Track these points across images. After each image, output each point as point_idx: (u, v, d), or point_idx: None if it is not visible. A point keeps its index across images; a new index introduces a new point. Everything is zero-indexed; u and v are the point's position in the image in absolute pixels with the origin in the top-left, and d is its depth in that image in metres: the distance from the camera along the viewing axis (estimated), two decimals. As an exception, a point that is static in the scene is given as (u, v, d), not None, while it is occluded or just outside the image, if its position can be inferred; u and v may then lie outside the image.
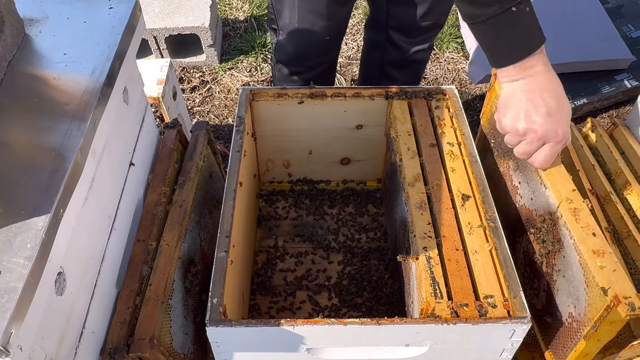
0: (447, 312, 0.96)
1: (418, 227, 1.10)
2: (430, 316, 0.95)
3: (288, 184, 1.61)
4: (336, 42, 1.74)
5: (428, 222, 1.11)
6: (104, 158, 1.06)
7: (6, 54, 1.04)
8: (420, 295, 1.02)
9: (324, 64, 1.76)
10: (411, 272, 1.12)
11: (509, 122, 1.06)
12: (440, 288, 0.99)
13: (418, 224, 1.11)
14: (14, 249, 0.76)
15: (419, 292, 1.03)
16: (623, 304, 0.87)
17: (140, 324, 1.03)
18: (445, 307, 0.96)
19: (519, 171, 1.24)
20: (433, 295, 0.98)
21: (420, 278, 1.02)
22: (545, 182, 1.10)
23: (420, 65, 1.91)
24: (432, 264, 1.03)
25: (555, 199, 1.07)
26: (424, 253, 1.05)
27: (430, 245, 1.06)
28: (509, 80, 1.05)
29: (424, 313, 0.98)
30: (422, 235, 1.08)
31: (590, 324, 0.93)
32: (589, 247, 0.96)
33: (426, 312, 0.97)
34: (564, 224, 1.03)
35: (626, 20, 2.54)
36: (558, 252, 1.06)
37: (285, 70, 1.75)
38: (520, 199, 1.24)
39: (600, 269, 0.93)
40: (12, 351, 0.70)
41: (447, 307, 0.96)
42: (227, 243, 1.05)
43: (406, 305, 1.19)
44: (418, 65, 1.88)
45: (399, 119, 1.33)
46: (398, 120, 1.33)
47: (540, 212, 1.14)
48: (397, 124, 1.32)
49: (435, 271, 1.02)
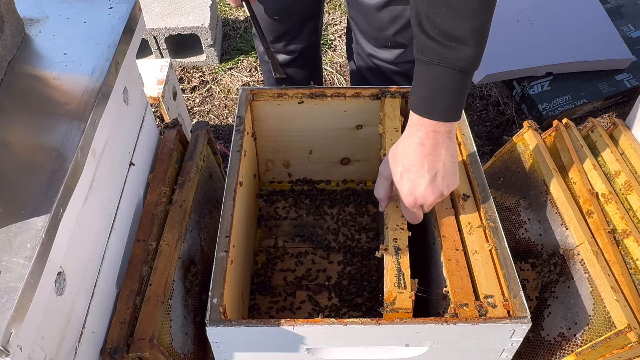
0: (408, 303, 0.94)
1: (391, 219, 1.08)
2: (391, 308, 0.94)
3: (288, 184, 1.61)
4: (303, 15, 1.69)
5: (402, 215, 1.09)
6: (104, 158, 1.06)
7: (6, 54, 1.04)
8: (385, 285, 1.00)
9: (298, 39, 1.74)
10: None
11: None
12: (404, 279, 0.97)
13: (392, 216, 1.09)
14: (14, 249, 0.76)
15: (385, 283, 1.01)
16: (633, 332, 1.00)
17: (140, 324, 1.03)
18: (407, 298, 0.94)
19: (530, 209, 1.34)
20: (396, 285, 0.96)
21: (387, 268, 1.01)
22: (567, 224, 1.21)
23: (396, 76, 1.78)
24: (400, 255, 1.01)
25: (575, 240, 1.18)
26: (394, 244, 1.03)
27: (400, 237, 1.05)
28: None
29: (386, 303, 0.96)
30: (394, 227, 1.06)
31: (587, 344, 1.06)
32: (607, 283, 1.08)
33: (388, 302, 0.95)
34: (580, 261, 1.14)
35: (626, 20, 2.54)
36: (562, 282, 1.19)
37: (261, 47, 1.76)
38: (525, 232, 1.34)
39: (616, 301, 1.05)
40: (12, 351, 0.70)
41: (409, 298, 0.95)
42: (227, 243, 1.05)
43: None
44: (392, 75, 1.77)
45: (388, 115, 1.32)
46: (387, 117, 1.32)
47: (551, 247, 1.25)
48: (385, 120, 1.31)
49: (402, 262, 1.00)
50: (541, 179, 1.31)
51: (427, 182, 0.98)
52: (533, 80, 2.34)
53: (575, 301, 1.12)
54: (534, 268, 1.26)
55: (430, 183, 0.99)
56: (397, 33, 1.55)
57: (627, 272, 1.14)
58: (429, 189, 0.99)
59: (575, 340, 1.10)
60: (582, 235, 1.16)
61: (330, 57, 2.72)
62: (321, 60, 2.00)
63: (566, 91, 2.31)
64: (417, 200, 1.01)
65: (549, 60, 2.32)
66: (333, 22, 2.93)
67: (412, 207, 1.03)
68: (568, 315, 1.14)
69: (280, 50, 1.78)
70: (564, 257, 1.18)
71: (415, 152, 0.97)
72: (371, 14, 1.53)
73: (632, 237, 1.17)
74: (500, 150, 1.49)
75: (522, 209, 1.36)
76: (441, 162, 0.98)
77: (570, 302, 1.14)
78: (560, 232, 1.22)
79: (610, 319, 1.04)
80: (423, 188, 0.99)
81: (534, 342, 1.21)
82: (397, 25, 1.53)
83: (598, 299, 1.08)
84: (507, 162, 1.46)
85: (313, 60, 1.91)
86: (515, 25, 2.45)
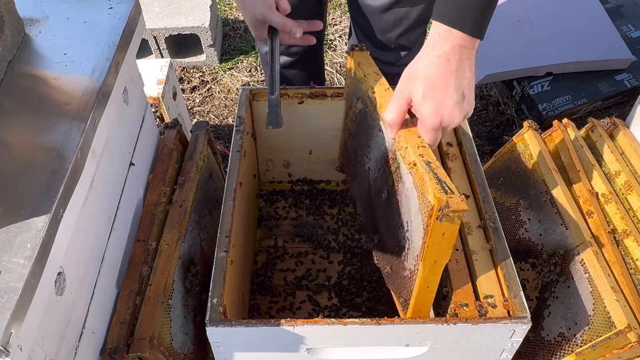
0: (464, 204, 0.82)
1: (409, 140, 0.95)
2: (443, 208, 0.82)
3: (288, 184, 1.61)
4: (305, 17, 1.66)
5: (419, 136, 0.96)
6: (104, 158, 1.06)
7: (6, 54, 1.04)
8: (424, 200, 0.87)
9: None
10: (404, 191, 0.96)
11: None
12: (448, 186, 0.85)
13: (407, 136, 0.96)
14: (14, 249, 0.76)
15: (423, 198, 0.88)
16: (633, 332, 1.00)
17: (140, 324, 1.03)
18: (460, 201, 0.82)
19: (531, 209, 1.34)
20: (442, 192, 0.84)
21: (423, 180, 0.88)
22: (567, 224, 1.21)
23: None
24: (433, 167, 0.89)
25: (575, 240, 1.18)
26: (421, 159, 0.90)
27: (426, 153, 0.92)
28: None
29: (433, 212, 0.83)
30: (416, 145, 0.93)
31: (587, 344, 1.06)
32: (607, 283, 1.08)
33: (437, 208, 0.82)
34: (580, 261, 1.14)
35: (626, 20, 2.54)
36: (562, 282, 1.18)
37: (265, 47, 1.74)
38: (525, 232, 1.33)
39: (616, 301, 1.05)
40: (12, 351, 0.70)
41: (461, 200, 0.82)
42: (227, 243, 1.05)
43: (402, 260, 1.03)
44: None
45: (362, 62, 1.17)
46: (363, 64, 1.17)
47: (551, 247, 1.24)
48: (363, 66, 1.16)
49: (439, 172, 0.88)
50: (541, 179, 1.31)
51: (454, 101, 0.90)
52: (533, 80, 2.34)
53: (575, 301, 1.12)
54: (534, 268, 1.26)
55: (457, 102, 0.91)
56: (401, 35, 1.54)
57: (627, 272, 1.15)
58: (457, 109, 0.91)
59: (575, 340, 1.10)
60: (582, 235, 1.16)
61: (330, 57, 2.72)
62: (323, 62, 2.00)
63: (566, 91, 2.31)
64: (444, 121, 0.92)
65: (549, 60, 2.32)
66: (333, 22, 2.93)
67: (436, 129, 0.94)
68: (568, 315, 1.14)
69: (282, 52, 1.78)
70: (564, 257, 1.18)
71: (439, 68, 0.89)
72: (375, 15, 1.52)
73: (632, 237, 1.17)
74: (500, 150, 1.49)
75: (522, 209, 1.36)
76: (466, 80, 0.91)
77: (570, 302, 1.14)
78: (560, 232, 1.22)
79: (610, 319, 1.04)
80: (450, 107, 0.91)
81: (534, 342, 1.21)
82: (401, 27, 1.52)
83: (598, 299, 1.08)
84: (507, 162, 1.46)
85: (314, 62, 1.90)
86: (515, 25, 2.45)
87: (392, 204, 1.02)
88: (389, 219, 1.06)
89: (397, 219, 1.01)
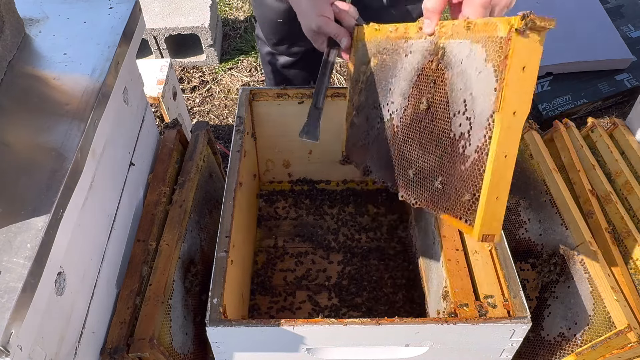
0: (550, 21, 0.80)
1: (454, 22, 0.91)
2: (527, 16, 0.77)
3: (288, 184, 1.61)
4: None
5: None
6: (104, 158, 1.06)
7: (6, 54, 1.04)
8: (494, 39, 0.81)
9: (300, 42, 1.70)
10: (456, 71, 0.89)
11: None
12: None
13: (449, 23, 0.91)
14: (14, 249, 0.76)
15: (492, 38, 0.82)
16: (633, 332, 1.00)
17: (140, 324, 1.03)
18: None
19: (531, 209, 1.34)
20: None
21: (488, 22, 0.83)
22: (567, 224, 1.21)
23: None
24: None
25: (575, 240, 1.17)
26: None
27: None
28: None
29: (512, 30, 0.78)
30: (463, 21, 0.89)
31: (587, 344, 1.07)
32: (607, 283, 1.08)
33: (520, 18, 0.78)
34: (580, 261, 1.14)
35: (626, 20, 2.54)
36: (562, 282, 1.18)
37: (266, 48, 1.76)
38: (525, 232, 1.34)
39: (616, 301, 1.05)
40: (12, 351, 0.70)
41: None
42: (227, 243, 1.05)
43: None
44: None
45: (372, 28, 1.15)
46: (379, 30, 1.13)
47: (551, 247, 1.24)
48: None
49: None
50: (541, 179, 1.31)
51: None
52: (533, 80, 2.34)
53: (575, 301, 1.13)
54: (534, 268, 1.26)
55: None
56: None
57: (627, 272, 1.14)
58: None
59: (575, 340, 1.10)
60: (582, 235, 1.16)
61: (330, 57, 2.72)
62: None
63: (566, 91, 2.31)
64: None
65: (549, 60, 2.32)
66: (333, 22, 2.93)
67: (486, 6, 0.92)
68: (568, 315, 1.14)
69: (283, 52, 1.78)
70: (564, 257, 1.18)
71: None
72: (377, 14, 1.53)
73: (632, 237, 1.17)
74: (501, 151, 1.48)
75: (522, 209, 1.36)
76: None
77: (570, 302, 1.14)
78: (560, 232, 1.22)
79: (610, 319, 1.04)
80: None
81: (534, 342, 1.21)
82: None
83: (598, 299, 1.08)
84: (507, 162, 1.45)
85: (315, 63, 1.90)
86: (515, 25, 2.45)
87: (437, 104, 0.94)
88: (433, 126, 0.96)
89: (447, 113, 0.92)
